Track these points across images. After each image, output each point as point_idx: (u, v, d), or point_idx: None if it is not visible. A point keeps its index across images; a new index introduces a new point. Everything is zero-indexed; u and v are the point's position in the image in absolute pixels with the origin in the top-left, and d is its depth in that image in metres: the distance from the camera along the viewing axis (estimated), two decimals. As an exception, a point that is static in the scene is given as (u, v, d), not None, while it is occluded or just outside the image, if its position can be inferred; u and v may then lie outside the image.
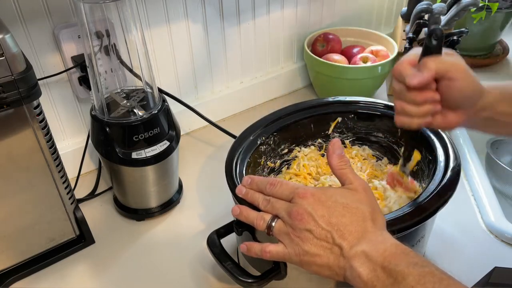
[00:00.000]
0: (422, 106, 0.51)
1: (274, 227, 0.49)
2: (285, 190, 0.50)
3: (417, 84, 0.49)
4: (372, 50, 1.03)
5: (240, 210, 0.53)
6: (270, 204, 0.51)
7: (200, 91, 0.98)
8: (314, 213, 0.46)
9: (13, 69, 0.51)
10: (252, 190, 0.54)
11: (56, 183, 0.64)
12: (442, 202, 0.54)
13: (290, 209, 0.48)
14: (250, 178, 0.55)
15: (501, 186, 0.99)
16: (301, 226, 0.47)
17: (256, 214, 0.51)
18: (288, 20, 1.03)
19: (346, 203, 0.47)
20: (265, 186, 0.52)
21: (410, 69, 0.50)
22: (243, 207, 0.53)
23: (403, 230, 0.51)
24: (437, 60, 0.49)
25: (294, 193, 0.49)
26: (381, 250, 0.43)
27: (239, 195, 0.55)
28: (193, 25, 0.88)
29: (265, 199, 0.51)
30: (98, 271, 0.70)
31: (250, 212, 0.52)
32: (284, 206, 0.49)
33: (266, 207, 0.51)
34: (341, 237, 0.45)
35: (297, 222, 0.47)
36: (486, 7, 1.08)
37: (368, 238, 0.45)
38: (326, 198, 0.47)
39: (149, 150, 0.69)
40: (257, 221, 0.51)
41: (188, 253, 0.71)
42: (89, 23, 0.63)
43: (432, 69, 0.49)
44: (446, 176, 0.57)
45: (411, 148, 0.61)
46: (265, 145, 0.69)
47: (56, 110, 0.80)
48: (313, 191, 0.48)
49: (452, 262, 0.68)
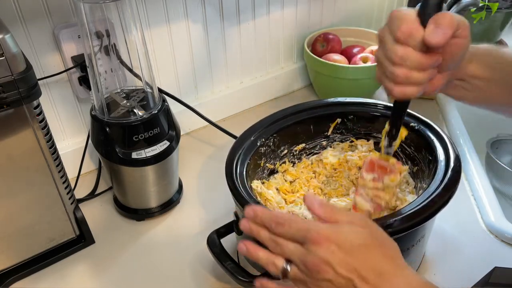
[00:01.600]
0: (427, 70, 0.46)
1: (290, 273, 0.45)
2: (295, 232, 0.45)
3: (443, 43, 0.43)
4: (372, 50, 1.03)
5: (247, 248, 0.48)
6: (279, 247, 0.46)
7: (200, 91, 0.98)
8: (332, 261, 0.42)
9: (13, 69, 0.51)
10: (257, 228, 0.48)
11: (56, 183, 0.64)
12: (443, 202, 0.54)
13: (304, 259, 0.44)
14: (253, 211, 0.48)
15: (501, 186, 0.99)
16: (319, 277, 0.43)
17: (266, 256, 0.47)
18: (288, 20, 1.03)
19: (363, 243, 0.44)
20: (270, 224, 0.47)
21: (422, 28, 0.44)
22: (250, 245, 0.48)
23: (404, 230, 0.51)
24: (451, 14, 0.44)
25: (306, 237, 0.44)
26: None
27: (243, 230, 0.49)
28: (193, 25, 0.88)
29: (272, 240, 0.46)
30: (98, 271, 0.70)
31: (260, 253, 0.47)
32: (296, 253, 0.44)
33: (275, 249, 0.46)
34: (363, 280, 0.42)
35: (315, 273, 0.43)
36: (486, 7, 1.08)
37: (389, 280, 0.42)
38: (341, 241, 0.43)
39: (149, 150, 0.69)
40: (269, 267, 0.46)
41: (188, 253, 0.71)
42: (89, 23, 0.63)
43: (454, 25, 0.44)
44: (447, 176, 0.57)
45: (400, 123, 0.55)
46: (264, 146, 0.69)
47: (56, 110, 0.80)
48: (327, 234, 0.44)
49: (452, 262, 0.68)
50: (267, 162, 0.71)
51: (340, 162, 0.73)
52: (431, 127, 0.66)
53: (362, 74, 0.97)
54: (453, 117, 0.95)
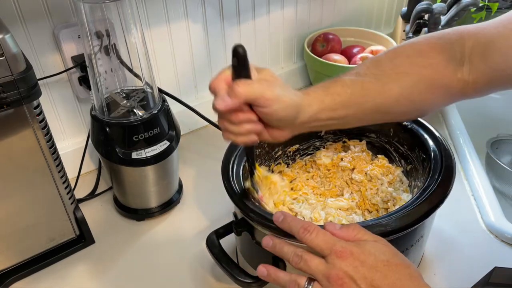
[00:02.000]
0: (241, 125, 0.48)
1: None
2: (322, 242, 0.46)
3: (223, 110, 0.46)
4: (372, 50, 1.03)
5: (267, 271, 0.48)
6: (303, 262, 0.46)
7: (200, 91, 0.98)
8: (355, 276, 0.43)
9: (13, 69, 0.51)
10: (281, 243, 0.49)
11: (56, 183, 0.64)
12: (440, 200, 0.53)
13: (328, 273, 0.44)
14: (283, 215, 0.49)
15: (501, 186, 0.99)
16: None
17: (288, 277, 0.47)
18: (288, 20, 1.03)
19: (387, 260, 0.44)
20: (298, 229, 0.47)
21: (223, 89, 0.47)
22: (270, 268, 0.49)
23: (401, 230, 0.51)
24: (246, 86, 0.46)
25: (332, 250, 0.45)
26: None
27: (266, 247, 0.50)
28: (193, 25, 0.88)
29: (296, 255, 0.47)
30: (98, 271, 0.70)
31: (280, 274, 0.48)
32: (320, 268, 0.45)
33: (299, 264, 0.46)
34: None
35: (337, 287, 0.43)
36: (486, 7, 1.08)
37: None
38: (366, 257, 0.44)
39: (149, 150, 0.69)
40: (291, 286, 0.46)
41: (188, 253, 0.71)
42: (89, 23, 0.63)
43: (241, 96, 0.46)
44: (441, 173, 0.57)
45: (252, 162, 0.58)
46: (259, 148, 0.69)
47: (56, 110, 0.80)
48: (352, 249, 0.45)
49: (452, 262, 0.68)
50: (262, 164, 0.71)
51: (334, 163, 0.73)
52: (423, 126, 0.66)
53: (362, 74, 0.97)
54: (453, 117, 0.95)
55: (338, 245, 0.45)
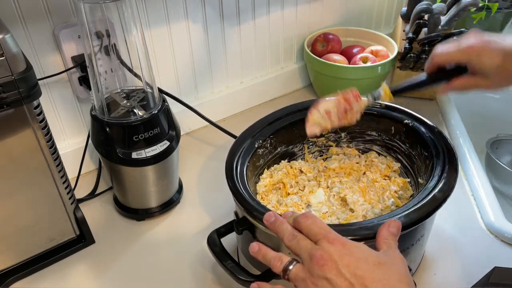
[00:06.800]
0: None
1: (291, 271, 0.45)
2: (316, 227, 0.46)
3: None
4: (372, 50, 1.03)
5: (259, 248, 0.49)
6: (295, 240, 0.46)
7: (200, 91, 0.99)
8: (339, 261, 0.42)
9: (13, 69, 0.51)
10: (280, 220, 0.49)
11: (56, 183, 0.64)
12: (444, 197, 0.54)
13: (313, 252, 0.43)
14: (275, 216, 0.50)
15: (501, 186, 0.99)
16: (320, 272, 0.42)
17: (275, 254, 0.48)
18: (288, 20, 1.03)
19: (379, 261, 0.42)
20: (298, 218, 0.48)
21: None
22: (262, 246, 0.49)
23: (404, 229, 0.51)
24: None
25: (324, 234, 0.45)
26: None
27: (266, 222, 0.50)
28: (193, 25, 0.88)
29: (291, 234, 0.47)
30: (98, 271, 0.70)
31: (269, 252, 0.49)
32: (308, 247, 0.45)
33: (291, 242, 0.47)
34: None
35: (317, 267, 0.42)
36: (486, 7, 1.08)
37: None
38: (358, 251, 0.43)
39: (149, 150, 0.69)
40: (274, 261, 0.47)
41: (188, 253, 0.71)
42: (89, 23, 0.63)
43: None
44: (445, 171, 0.57)
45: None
46: (262, 148, 0.69)
47: (56, 110, 0.80)
48: (346, 241, 0.44)
49: (452, 262, 0.68)
50: (266, 164, 0.71)
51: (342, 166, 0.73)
52: (425, 123, 0.66)
53: (362, 74, 0.97)
54: (453, 117, 0.95)
55: (333, 233, 0.45)
